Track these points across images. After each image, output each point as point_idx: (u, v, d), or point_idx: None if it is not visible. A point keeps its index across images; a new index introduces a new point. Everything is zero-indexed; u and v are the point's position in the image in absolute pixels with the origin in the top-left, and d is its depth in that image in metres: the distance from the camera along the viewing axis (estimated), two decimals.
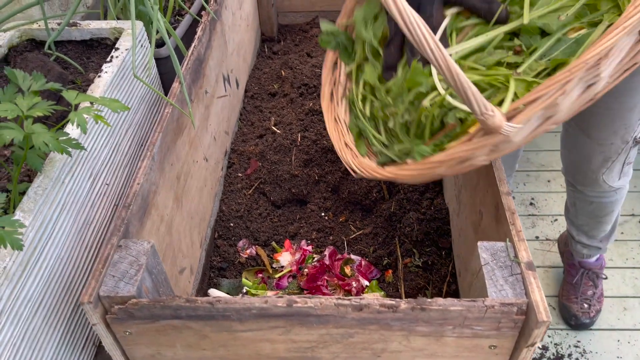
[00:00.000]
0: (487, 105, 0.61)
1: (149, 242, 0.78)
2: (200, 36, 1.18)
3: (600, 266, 1.49)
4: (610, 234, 1.37)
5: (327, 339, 0.75)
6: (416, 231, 1.20)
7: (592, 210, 1.28)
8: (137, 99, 1.16)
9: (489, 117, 0.61)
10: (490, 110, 0.61)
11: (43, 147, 0.72)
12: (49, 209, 0.82)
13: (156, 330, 0.75)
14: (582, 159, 1.16)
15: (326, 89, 1.03)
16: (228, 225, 1.29)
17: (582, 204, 1.28)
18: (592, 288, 1.49)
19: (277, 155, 1.40)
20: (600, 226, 1.32)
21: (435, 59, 0.57)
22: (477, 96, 0.59)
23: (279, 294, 1.10)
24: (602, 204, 1.25)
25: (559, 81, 0.60)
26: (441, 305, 0.68)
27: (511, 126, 0.63)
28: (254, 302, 0.70)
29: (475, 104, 0.60)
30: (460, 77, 0.57)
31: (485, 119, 0.61)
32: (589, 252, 1.41)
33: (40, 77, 0.84)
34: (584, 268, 1.48)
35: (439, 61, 0.57)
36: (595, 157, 1.12)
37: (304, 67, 1.69)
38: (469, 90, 0.59)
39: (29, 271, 0.77)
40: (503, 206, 0.79)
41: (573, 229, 1.39)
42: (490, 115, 0.61)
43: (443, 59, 0.56)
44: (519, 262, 0.72)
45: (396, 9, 0.55)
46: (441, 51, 0.56)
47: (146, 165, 0.87)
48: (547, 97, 0.61)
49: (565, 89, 0.60)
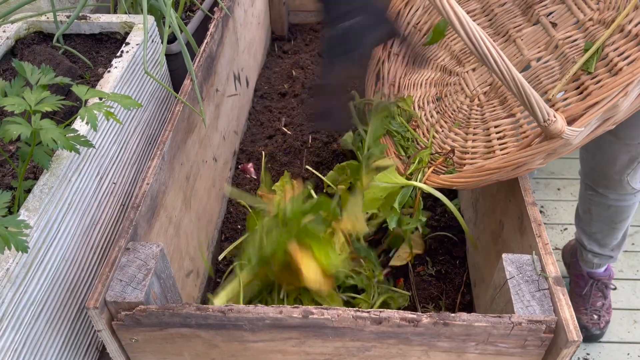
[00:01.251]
0: (550, 111, 0.60)
1: (158, 245, 0.74)
2: (212, 32, 1.15)
3: (609, 276, 1.47)
4: (622, 242, 1.36)
5: (342, 352, 0.72)
6: (429, 239, 1.17)
7: (609, 216, 1.26)
8: (146, 95, 1.13)
9: (551, 123, 0.60)
10: (553, 116, 0.60)
11: (51, 143, 0.69)
12: (55, 208, 0.79)
13: (164, 338, 0.72)
14: (607, 160, 1.13)
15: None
16: (235, 227, 1.26)
17: (599, 210, 1.26)
18: (601, 299, 1.47)
19: (287, 156, 1.37)
20: (613, 233, 1.31)
21: (499, 69, 0.55)
22: (540, 103, 0.59)
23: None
24: (621, 208, 1.23)
25: (622, 83, 0.59)
26: (465, 320, 0.65)
27: (573, 130, 0.62)
28: (268, 312, 0.67)
29: (539, 111, 0.59)
30: (524, 85, 0.56)
31: (547, 125, 0.60)
32: (600, 261, 1.39)
33: (50, 71, 0.80)
34: (593, 279, 1.46)
35: (502, 71, 0.55)
36: (621, 158, 1.10)
37: (315, 67, 1.66)
38: (532, 98, 0.58)
39: (32, 273, 0.73)
40: (529, 217, 0.76)
41: (584, 238, 1.37)
42: (553, 121, 0.60)
43: (507, 68, 0.55)
44: (546, 277, 0.69)
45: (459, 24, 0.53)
46: (504, 61, 0.55)
47: (156, 164, 0.84)
48: (609, 99, 0.60)
49: (627, 90, 0.59)
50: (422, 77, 1.10)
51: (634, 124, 1.04)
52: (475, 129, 0.93)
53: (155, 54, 1.16)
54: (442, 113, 0.99)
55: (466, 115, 0.96)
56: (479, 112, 0.94)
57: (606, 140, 1.10)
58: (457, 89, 1.00)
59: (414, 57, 1.06)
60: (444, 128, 0.98)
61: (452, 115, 0.97)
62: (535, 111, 0.59)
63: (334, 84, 0.89)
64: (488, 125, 0.91)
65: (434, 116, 1.01)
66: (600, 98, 0.59)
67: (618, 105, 0.60)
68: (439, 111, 1.00)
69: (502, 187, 0.90)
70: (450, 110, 0.98)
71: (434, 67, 1.09)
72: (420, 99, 1.06)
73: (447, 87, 1.03)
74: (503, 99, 0.90)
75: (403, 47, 1.03)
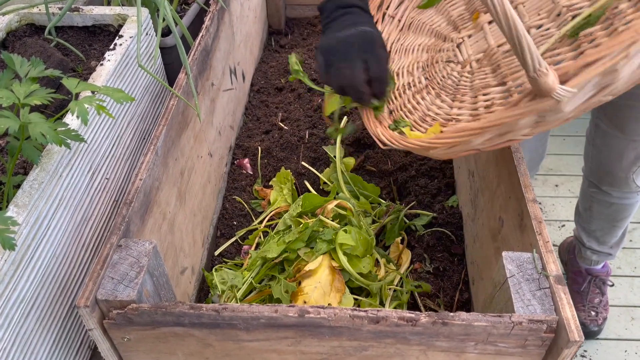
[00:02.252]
0: (542, 61, 0.55)
1: (150, 242, 0.73)
2: (208, 26, 1.13)
3: (607, 273, 1.46)
4: (621, 240, 1.35)
5: (339, 351, 0.70)
6: (427, 235, 1.16)
7: (610, 214, 1.25)
8: (140, 89, 1.11)
9: (542, 76, 0.55)
10: (544, 68, 0.55)
11: (40, 138, 0.67)
12: (45, 204, 0.77)
13: (156, 337, 0.70)
14: (613, 157, 1.12)
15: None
16: (231, 224, 1.24)
17: (600, 207, 1.25)
18: (599, 296, 1.47)
19: (284, 152, 1.35)
20: (613, 231, 1.30)
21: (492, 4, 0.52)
22: (532, 50, 0.54)
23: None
24: (623, 206, 1.22)
25: (623, 42, 0.53)
26: (464, 320, 0.63)
27: (564, 89, 0.56)
28: (263, 311, 0.65)
29: (529, 58, 0.54)
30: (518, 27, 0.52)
31: (537, 76, 0.55)
32: (598, 258, 1.39)
33: (39, 63, 0.78)
34: (591, 275, 1.45)
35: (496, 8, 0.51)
36: (627, 155, 1.09)
37: (313, 62, 1.64)
38: (524, 41, 0.53)
39: (21, 271, 0.72)
40: (529, 214, 0.74)
41: (584, 235, 1.36)
42: (544, 74, 0.55)
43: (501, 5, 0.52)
44: (547, 275, 0.68)
45: None
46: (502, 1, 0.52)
47: (149, 159, 0.82)
48: (607, 59, 0.54)
49: (629, 52, 0.53)
50: (415, 42, 1.07)
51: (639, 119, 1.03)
52: (463, 97, 0.89)
53: (149, 47, 1.13)
54: (431, 79, 0.96)
55: (455, 82, 0.92)
56: (469, 80, 0.90)
57: (613, 137, 1.09)
58: (449, 55, 0.96)
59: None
60: (431, 94, 0.94)
61: (440, 82, 0.93)
62: (526, 57, 0.54)
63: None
64: (476, 93, 0.86)
65: (422, 82, 0.97)
66: (598, 57, 0.54)
67: (617, 70, 0.55)
68: (427, 77, 0.97)
69: (502, 183, 0.89)
70: (439, 76, 0.94)
71: (428, 33, 1.05)
72: (410, 64, 1.03)
73: (439, 53, 0.99)
74: (496, 67, 0.85)
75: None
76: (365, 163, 1.32)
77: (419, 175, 1.29)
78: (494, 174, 0.94)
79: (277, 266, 1.05)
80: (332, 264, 1.00)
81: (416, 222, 1.18)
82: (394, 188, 1.28)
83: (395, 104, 0.97)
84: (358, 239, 1.03)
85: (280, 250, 1.02)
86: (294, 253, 1.02)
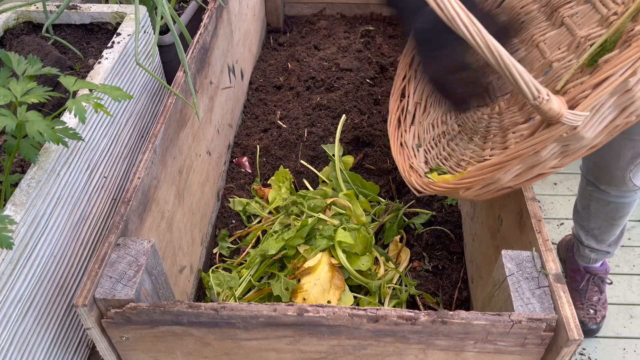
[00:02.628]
0: (540, 88, 0.52)
1: (149, 240, 0.72)
2: (206, 23, 1.12)
3: (605, 271, 1.46)
4: (619, 238, 1.35)
5: (337, 350, 0.70)
6: (426, 234, 1.15)
7: (608, 212, 1.25)
8: (138, 87, 1.10)
9: (544, 103, 0.52)
10: (545, 95, 0.52)
11: (37, 136, 0.66)
12: (43, 202, 0.77)
13: (155, 336, 0.70)
14: (610, 156, 1.12)
15: (393, 117, 1.05)
16: (230, 222, 1.24)
17: (598, 206, 1.25)
18: (597, 294, 1.46)
19: (283, 150, 1.35)
20: (611, 229, 1.30)
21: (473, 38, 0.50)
22: (525, 77, 0.51)
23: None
24: (621, 204, 1.22)
25: (628, 59, 0.51)
26: (464, 318, 0.63)
27: (574, 114, 0.53)
28: (262, 310, 0.65)
29: (525, 86, 0.52)
30: (503, 56, 0.50)
31: (539, 104, 0.53)
32: (597, 256, 1.39)
33: (37, 61, 0.78)
34: (590, 273, 1.45)
35: (477, 41, 0.50)
36: (625, 154, 1.08)
37: (311, 60, 1.64)
38: (514, 70, 0.50)
39: (19, 270, 0.71)
40: (528, 212, 0.74)
41: (582, 233, 1.36)
42: (545, 100, 0.52)
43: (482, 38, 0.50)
44: (546, 274, 0.68)
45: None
46: (479, 30, 0.50)
47: (147, 158, 0.82)
48: (614, 78, 0.51)
49: (635, 68, 0.50)
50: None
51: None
52: (494, 137, 0.88)
53: (147, 45, 1.13)
54: (463, 125, 0.97)
55: (486, 124, 0.92)
56: (498, 120, 0.90)
57: None
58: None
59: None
60: (464, 140, 0.95)
61: (472, 127, 0.94)
62: (522, 86, 0.51)
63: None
64: (506, 132, 0.86)
65: (455, 129, 0.98)
66: (604, 77, 0.51)
67: (630, 88, 0.51)
68: (459, 124, 0.98)
69: None
70: (470, 121, 0.95)
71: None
72: (443, 113, 1.05)
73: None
74: (522, 104, 0.85)
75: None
76: (364, 161, 1.32)
77: None
78: None
79: (276, 263, 1.04)
80: (332, 261, 1.00)
81: (415, 221, 1.18)
82: (393, 186, 1.28)
83: (432, 154, 0.99)
84: (357, 237, 1.03)
85: (279, 247, 1.02)
86: (293, 249, 1.02)
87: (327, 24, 1.86)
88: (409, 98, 1.05)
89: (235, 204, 1.25)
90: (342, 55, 1.65)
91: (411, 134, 1.01)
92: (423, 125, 1.05)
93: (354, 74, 1.55)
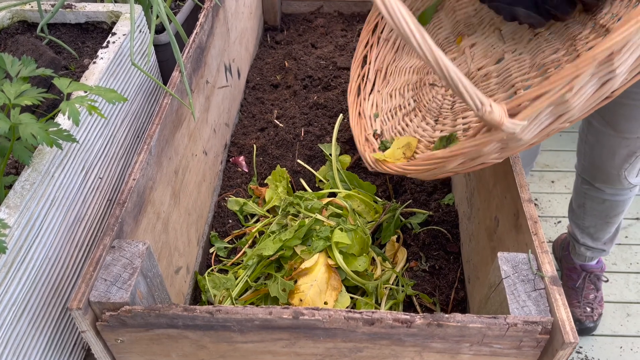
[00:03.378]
0: (484, 100, 0.56)
1: (144, 243, 0.72)
2: (202, 22, 1.12)
3: (601, 269, 1.47)
4: (614, 236, 1.36)
5: (333, 352, 0.70)
6: (423, 233, 1.15)
7: (603, 210, 1.25)
8: (134, 87, 1.10)
9: (486, 113, 0.57)
10: (488, 106, 0.57)
11: (30, 139, 0.66)
12: (37, 204, 0.76)
13: (150, 339, 0.70)
14: (605, 154, 1.12)
15: (354, 84, 1.05)
16: (226, 222, 1.24)
17: (593, 204, 1.26)
18: (594, 291, 1.47)
19: (279, 149, 1.35)
20: (606, 227, 1.30)
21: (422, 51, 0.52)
22: (470, 90, 0.55)
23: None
24: (615, 202, 1.22)
25: (566, 77, 0.56)
26: (459, 321, 0.63)
27: (514, 123, 0.58)
28: (257, 313, 0.65)
29: (470, 99, 0.56)
30: (449, 70, 0.52)
31: (483, 114, 0.57)
32: (592, 254, 1.40)
33: (31, 62, 0.77)
34: (586, 271, 1.46)
35: (426, 53, 0.52)
36: (620, 152, 1.09)
37: (309, 59, 1.63)
38: (460, 84, 0.54)
39: (13, 272, 0.71)
40: (524, 214, 0.74)
41: (577, 232, 1.36)
42: (488, 111, 0.57)
43: (430, 51, 0.52)
44: (542, 276, 0.67)
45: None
46: (428, 42, 0.51)
47: (143, 159, 0.81)
48: (552, 93, 0.56)
49: (572, 85, 0.56)
50: (408, 64, 1.08)
51: (632, 117, 1.03)
52: (445, 119, 0.91)
53: (143, 45, 1.12)
54: (419, 102, 0.98)
55: (439, 105, 0.95)
56: (450, 103, 0.93)
57: (605, 134, 1.09)
58: (435, 78, 0.99)
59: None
60: (418, 117, 0.96)
61: (426, 105, 0.96)
62: (466, 98, 0.55)
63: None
64: (456, 117, 0.89)
65: (411, 104, 0.99)
66: (542, 91, 0.56)
67: (567, 100, 0.57)
68: (415, 99, 0.99)
69: (498, 182, 0.88)
70: (425, 99, 0.97)
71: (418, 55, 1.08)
72: (402, 86, 1.05)
73: (427, 75, 1.02)
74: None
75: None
76: (361, 161, 1.32)
77: None
78: (490, 173, 0.93)
79: (273, 264, 1.04)
80: (329, 262, 1.00)
81: (412, 220, 1.18)
82: (390, 186, 1.28)
83: (388, 125, 0.99)
84: (354, 237, 1.03)
85: (276, 248, 1.02)
86: (290, 250, 1.02)
87: (325, 22, 1.85)
88: (370, 65, 1.07)
89: (231, 203, 1.25)
90: (340, 53, 1.65)
91: (370, 103, 1.03)
92: (382, 94, 1.06)
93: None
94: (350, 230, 1.04)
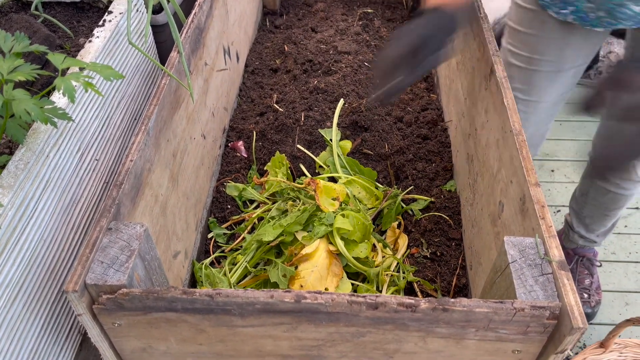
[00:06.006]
0: None
1: (142, 225, 0.70)
2: (201, 3, 1.09)
3: (594, 253, 1.48)
4: (609, 231, 1.37)
5: (336, 337, 0.68)
6: (424, 220, 1.14)
7: (604, 202, 1.25)
8: (131, 68, 1.07)
9: None
10: None
11: (25, 115, 0.64)
12: (32, 185, 0.74)
13: (148, 322, 0.68)
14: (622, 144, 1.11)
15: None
16: (225, 207, 1.22)
17: (596, 194, 1.25)
18: (588, 277, 1.47)
19: (279, 134, 1.32)
20: (603, 220, 1.31)
21: None
22: None
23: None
24: (618, 196, 1.22)
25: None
26: (465, 306, 0.61)
27: None
28: (258, 297, 0.63)
29: None
30: None
31: None
32: (584, 243, 1.42)
33: (24, 38, 0.75)
34: (578, 255, 1.48)
35: None
36: None
37: (309, 43, 1.60)
38: None
39: (7, 254, 0.69)
40: (531, 198, 0.72)
41: (574, 219, 1.37)
42: None
43: None
44: (550, 261, 0.66)
45: None
46: None
47: (140, 140, 0.79)
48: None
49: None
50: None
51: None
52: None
53: (140, 25, 1.10)
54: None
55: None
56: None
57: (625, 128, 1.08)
58: None
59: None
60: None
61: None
62: None
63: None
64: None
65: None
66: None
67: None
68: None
69: (503, 167, 0.87)
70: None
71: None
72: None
73: None
74: None
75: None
76: (362, 146, 1.30)
77: (417, 159, 1.27)
78: (494, 158, 0.92)
79: (273, 250, 1.03)
80: (330, 248, 0.99)
81: (413, 207, 1.16)
82: (391, 172, 1.26)
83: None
84: (355, 223, 1.01)
85: (276, 233, 1.00)
86: (291, 236, 1.00)
87: (325, 6, 1.82)
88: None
89: (230, 189, 1.23)
90: (340, 38, 1.62)
91: None
92: None
93: (352, 57, 1.52)
94: (352, 215, 1.02)
